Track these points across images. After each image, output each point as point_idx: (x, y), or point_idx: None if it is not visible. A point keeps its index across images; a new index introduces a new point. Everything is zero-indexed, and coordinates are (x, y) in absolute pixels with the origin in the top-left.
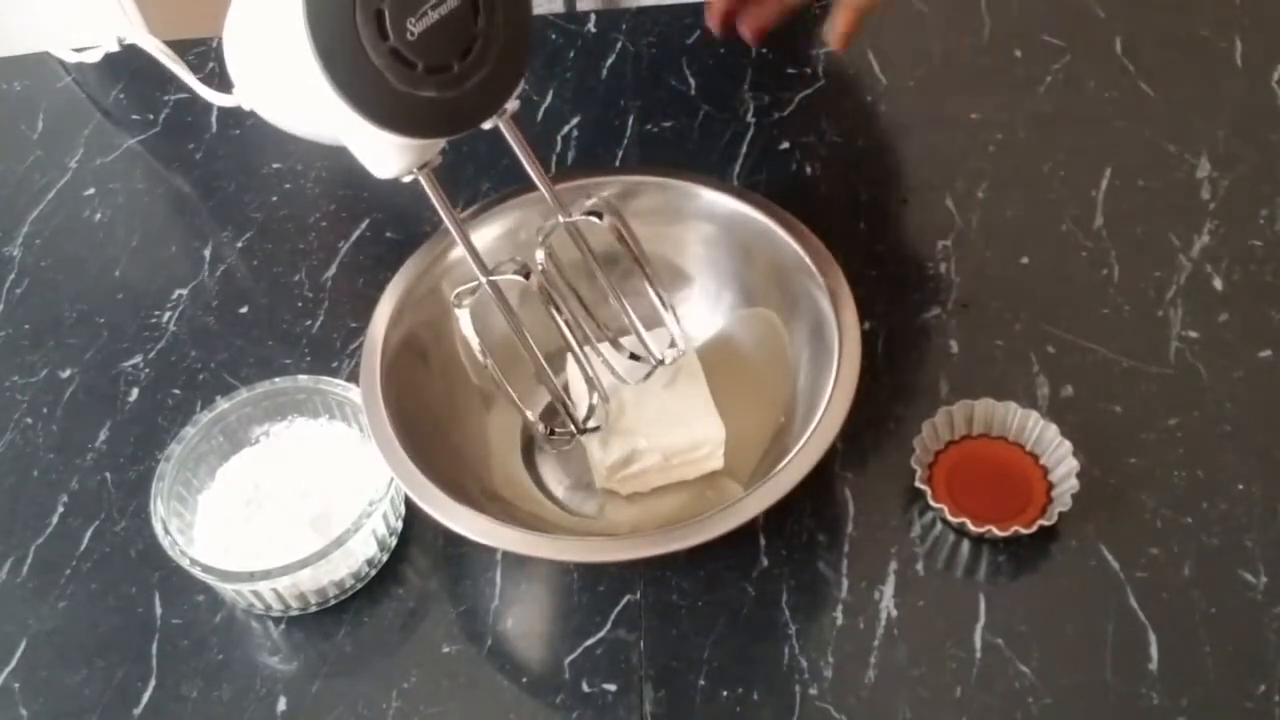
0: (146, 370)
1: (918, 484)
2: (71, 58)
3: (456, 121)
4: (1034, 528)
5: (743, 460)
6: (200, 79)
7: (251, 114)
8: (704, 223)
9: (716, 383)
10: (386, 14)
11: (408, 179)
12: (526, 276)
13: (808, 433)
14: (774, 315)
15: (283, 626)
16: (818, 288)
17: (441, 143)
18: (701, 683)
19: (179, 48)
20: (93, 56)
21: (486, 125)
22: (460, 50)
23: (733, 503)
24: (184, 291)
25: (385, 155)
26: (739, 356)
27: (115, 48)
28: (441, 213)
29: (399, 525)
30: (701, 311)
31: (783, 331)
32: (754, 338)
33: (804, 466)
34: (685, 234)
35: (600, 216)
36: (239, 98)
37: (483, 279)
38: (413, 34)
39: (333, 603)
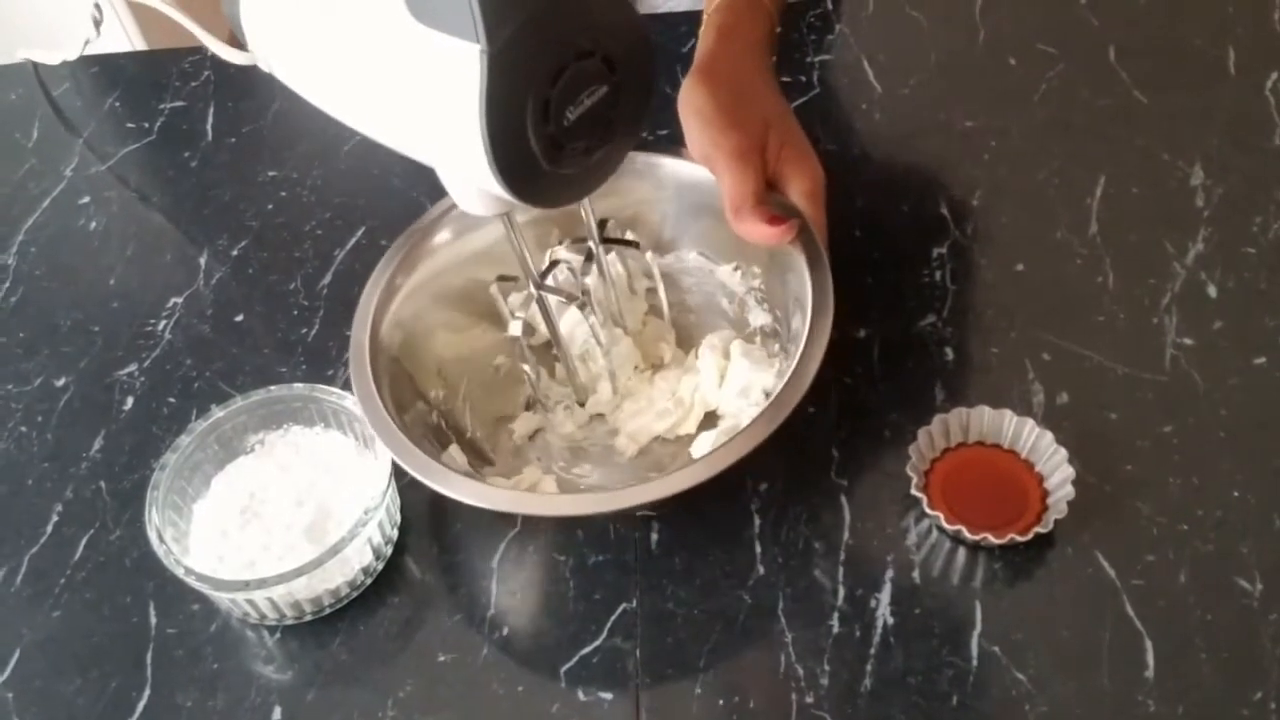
0: (141, 379)
1: (914, 491)
2: (53, 59)
3: (580, 191)
4: (1030, 535)
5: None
6: (193, 86)
7: (249, 122)
8: (669, 188)
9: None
10: (552, 104)
11: (487, 215)
12: (581, 306)
13: (797, 351)
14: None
15: (278, 635)
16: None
17: None
18: (698, 691)
19: (171, 57)
20: (71, 54)
21: None
22: (599, 132)
23: (745, 428)
24: (179, 300)
25: (483, 201)
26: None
27: (95, 34)
28: (515, 252)
29: (395, 534)
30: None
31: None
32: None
33: (802, 385)
34: (655, 200)
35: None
36: (256, 58)
37: (534, 290)
38: (569, 120)
39: (328, 612)
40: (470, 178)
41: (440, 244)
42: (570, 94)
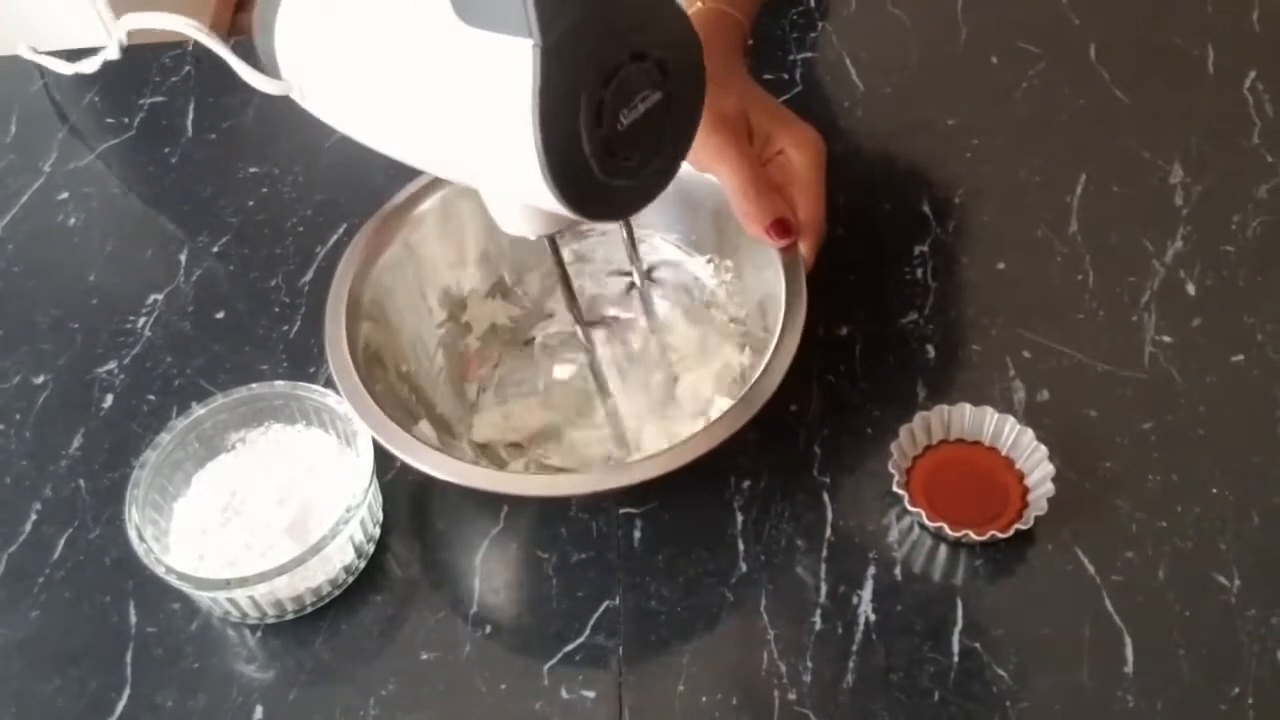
0: (121, 376)
1: (895, 488)
2: (65, 69)
3: (632, 205)
4: (1010, 532)
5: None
6: (173, 81)
7: (230, 118)
8: None
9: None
10: (605, 106)
11: (533, 238)
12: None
13: (773, 343)
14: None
15: (259, 634)
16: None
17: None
18: (680, 688)
19: (151, 52)
20: (89, 67)
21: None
22: (651, 142)
23: (725, 413)
24: (159, 297)
25: (528, 219)
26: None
27: (116, 55)
28: (558, 273)
29: (377, 532)
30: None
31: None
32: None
33: (777, 374)
34: None
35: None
36: (290, 88)
37: (580, 332)
38: (622, 125)
39: (310, 610)
40: (520, 188)
41: (418, 218)
42: (623, 97)
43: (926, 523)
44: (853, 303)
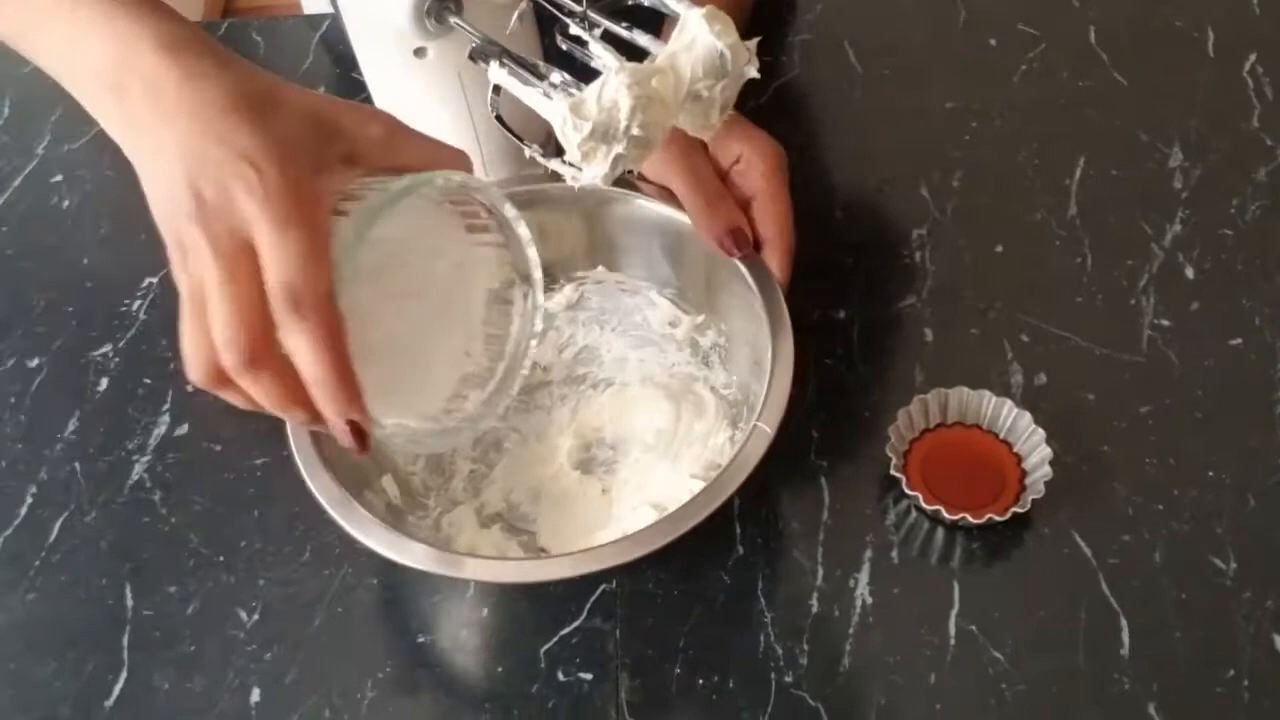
0: (116, 359)
1: (893, 472)
2: None
3: None
4: (1007, 515)
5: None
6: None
7: None
8: (640, 227)
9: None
10: None
11: None
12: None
13: (755, 415)
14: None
15: (256, 616)
16: (742, 282)
17: None
18: (677, 671)
19: None
20: None
21: None
22: None
23: (687, 504)
24: (154, 280)
25: None
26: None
27: None
28: None
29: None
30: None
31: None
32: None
33: (749, 463)
34: (631, 240)
35: None
36: None
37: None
38: None
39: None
40: None
41: None
42: None
43: (924, 506)
44: (850, 286)
